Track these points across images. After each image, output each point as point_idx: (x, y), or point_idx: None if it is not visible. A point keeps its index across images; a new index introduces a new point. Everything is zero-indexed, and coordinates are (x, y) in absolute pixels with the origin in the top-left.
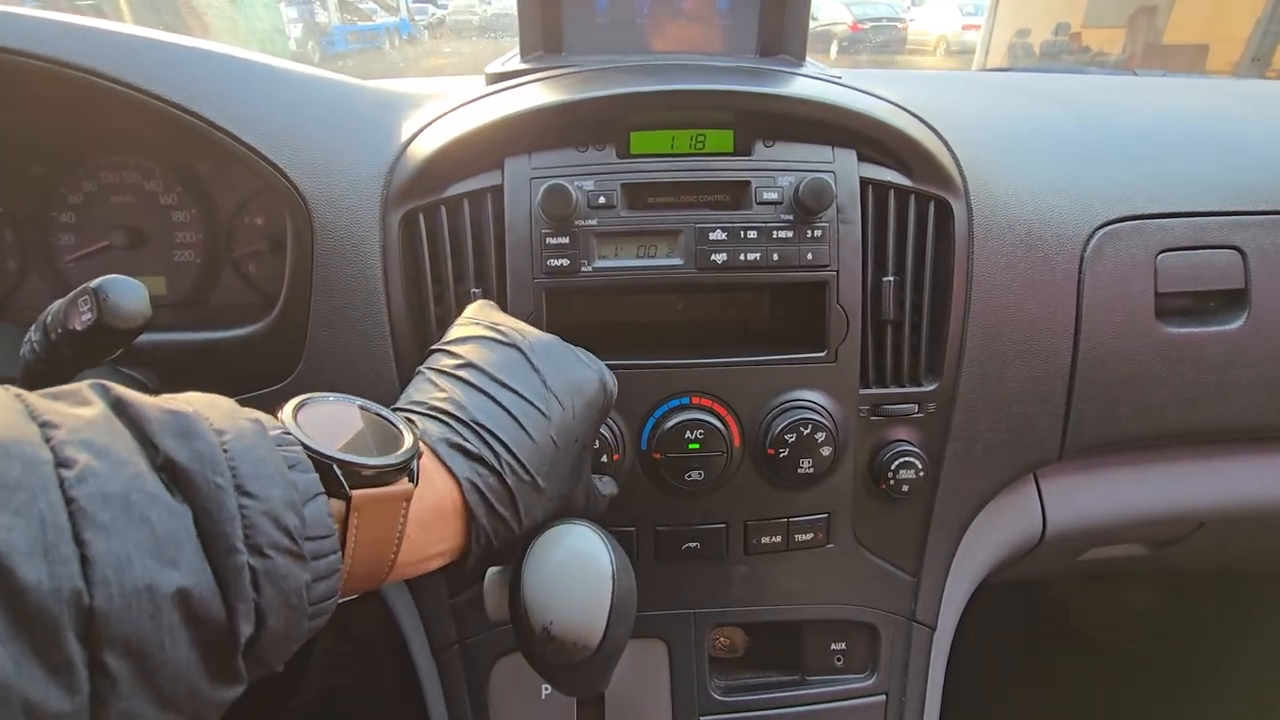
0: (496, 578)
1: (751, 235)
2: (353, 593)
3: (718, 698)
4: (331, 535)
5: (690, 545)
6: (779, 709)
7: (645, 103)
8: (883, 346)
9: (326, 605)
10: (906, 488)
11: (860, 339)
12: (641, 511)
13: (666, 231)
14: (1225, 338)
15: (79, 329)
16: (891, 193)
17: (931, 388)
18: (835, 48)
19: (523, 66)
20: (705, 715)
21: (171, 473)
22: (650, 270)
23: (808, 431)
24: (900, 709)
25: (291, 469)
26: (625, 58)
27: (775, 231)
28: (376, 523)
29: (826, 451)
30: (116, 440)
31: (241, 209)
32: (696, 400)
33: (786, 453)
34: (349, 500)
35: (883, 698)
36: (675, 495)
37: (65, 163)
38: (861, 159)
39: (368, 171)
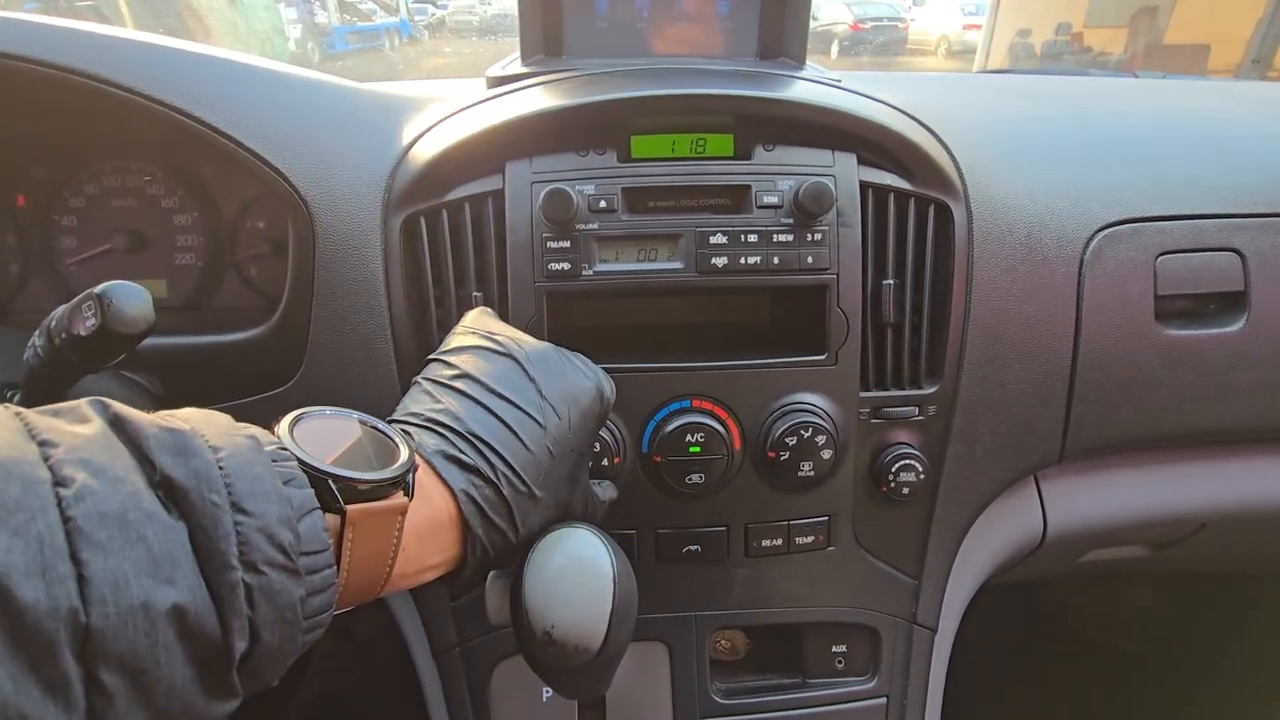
0: (498, 581)
1: (752, 239)
2: (348, 605)
3: (719, 700)
4: (326, 550)
5: (691, 548)
6: (780, 711)
7: (646, 107)
8: (883, 349)
9: (321, 619)
10: (907, 490)
11: (860, 342)
12: (642, 514)
13: (667, 235)
14: (1225, 340)
15: (83, 334)
16: (891, 196)
17: (932, 390)
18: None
19: (523, 70)
20: (706, 718)
21: (168, 490)
22: (651, 274)
23: (808, 434)
24: (901, 711)
25: (287, 485)
26: (625, 61)
27: (775, 235)
28: (372, 537)
29: (827, 454)
30: (114, 458)
31: (243, 212)
32: (697, 403)
33: (787, 456)
34: (344, 515)
35: (884, 700)
36: (676, 498)
37: (67, 166)
38: (861, 162)
39: (369, 175)
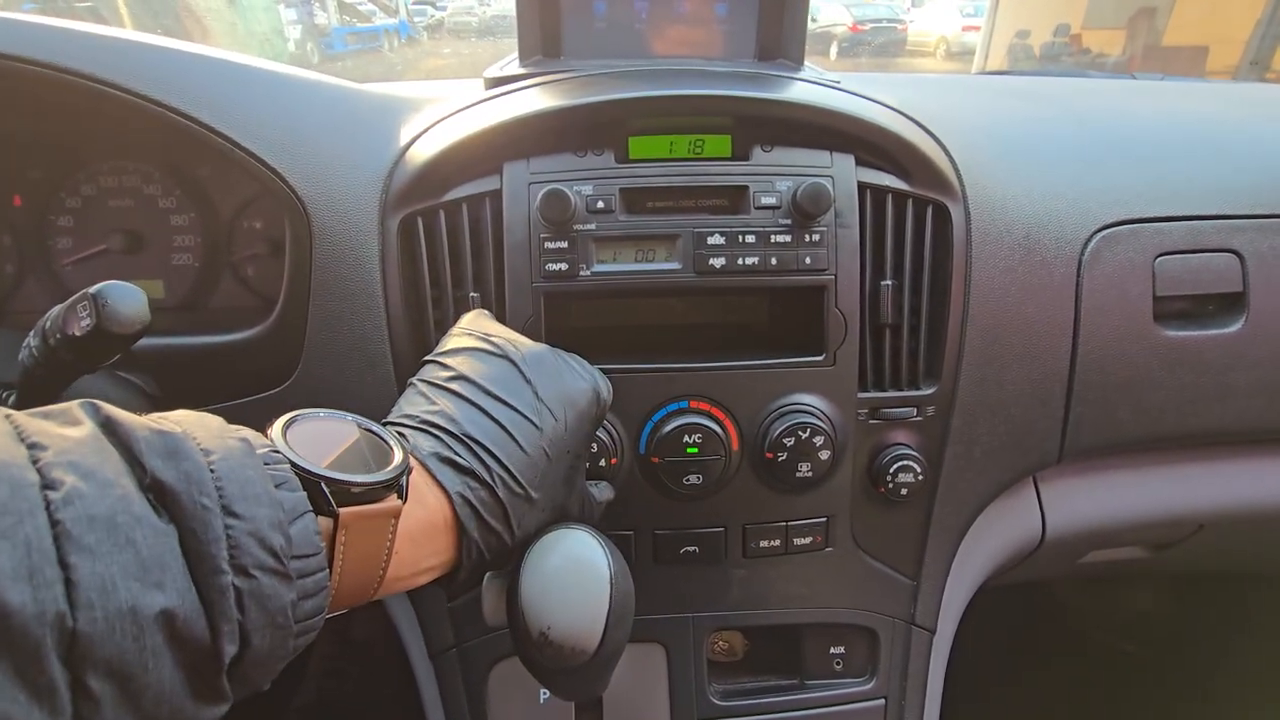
0: (494, 582)
1: (750, 240)
2: (341, 608)
3: (716, 702)
4: (318, 553)
5: (689, 549)
6: (778, 713)
7: (643, 108)
8: (881, 350)
9: (313, 623)
10: (905, 491)
11: (859, 343)
12: (640, 515)
13: (665, 236)
14: (1223, 341)
15: (78, 335)
16: (889, 197)
17: (930, 391)
18: (835, 49)
19: (521, 71)
20: (704, 719)
21: (159, 493)
22: (648, 275)
23: (806, 435)
24: (900, 712)
25: (278, 488)
26: (624, 62)
27: (773, 236)
28: (365, 540)
29: (825, 455)
30: (105, 461)
31: (240, 212)
32: (695, 404)
33: (785, 456)
34: (337, 518)
35: (882, 702)
36: (674, 499)
37: (64, 166)
38: (859, 163)
39: (366, 176)
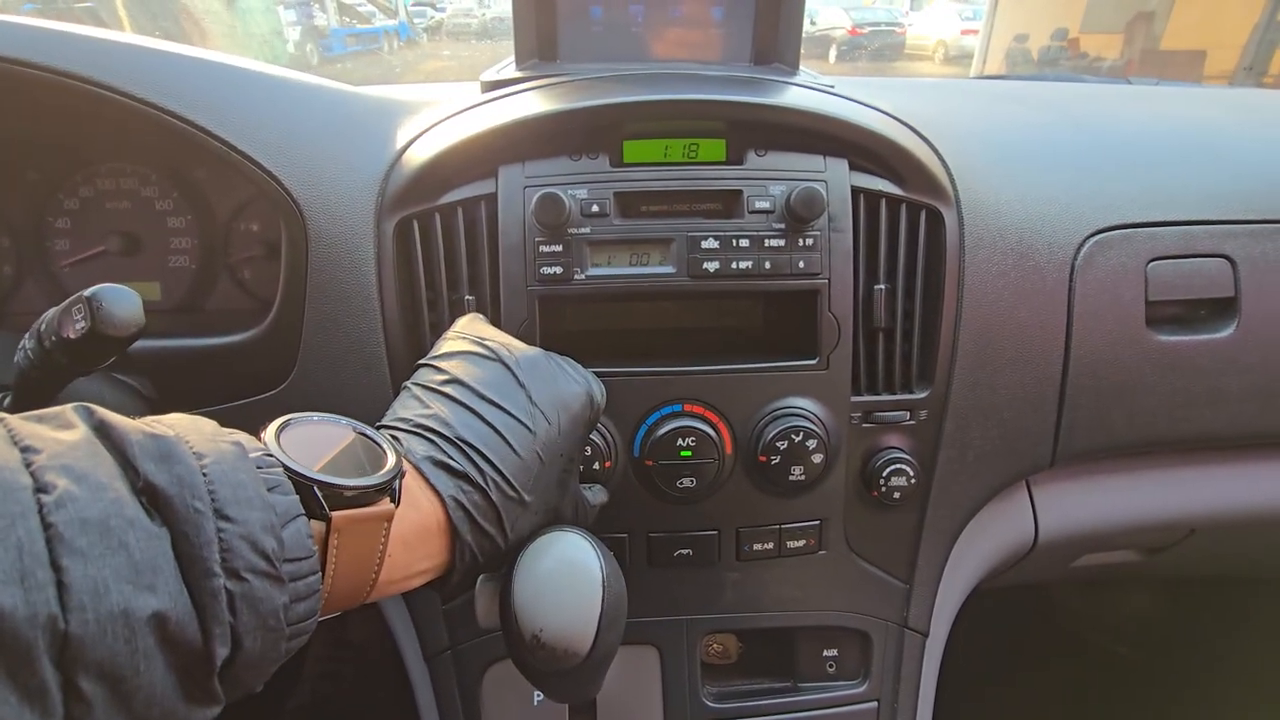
0: (487, 585)
1: (743, 244)
2: (334, 611)
3: (710, 704)
4: (311, 557)
5: (682, 552)
6: (771, 715)
7: (638, 112)
8: (874, 354)
9: (305, 626)
10: (898, 494)
11: (852, 346)
12: (634, 518)
13: (659, 240)
14: (1215, 346)
15: (73, 337)
16: (883, 201)
17: (923, 395)
18: (834, 52)
19: (517, 74)
20: None
21: (151, 497)
22: (643, 278)
23: (799, 439)
24: (892, 715)
25: (271, 491)
26: (620, 66)
27: (767, 240)
28: (357, 543)
29: (818, 458)
30: (98, 465)
31: (237, 215)
32: (689, 407)
33: (778, 460)
34: (329, 521)
35: (874, 704)
36: (667, 502)
37: (62, 169)
38: (853, 168)
39: (363, 178)
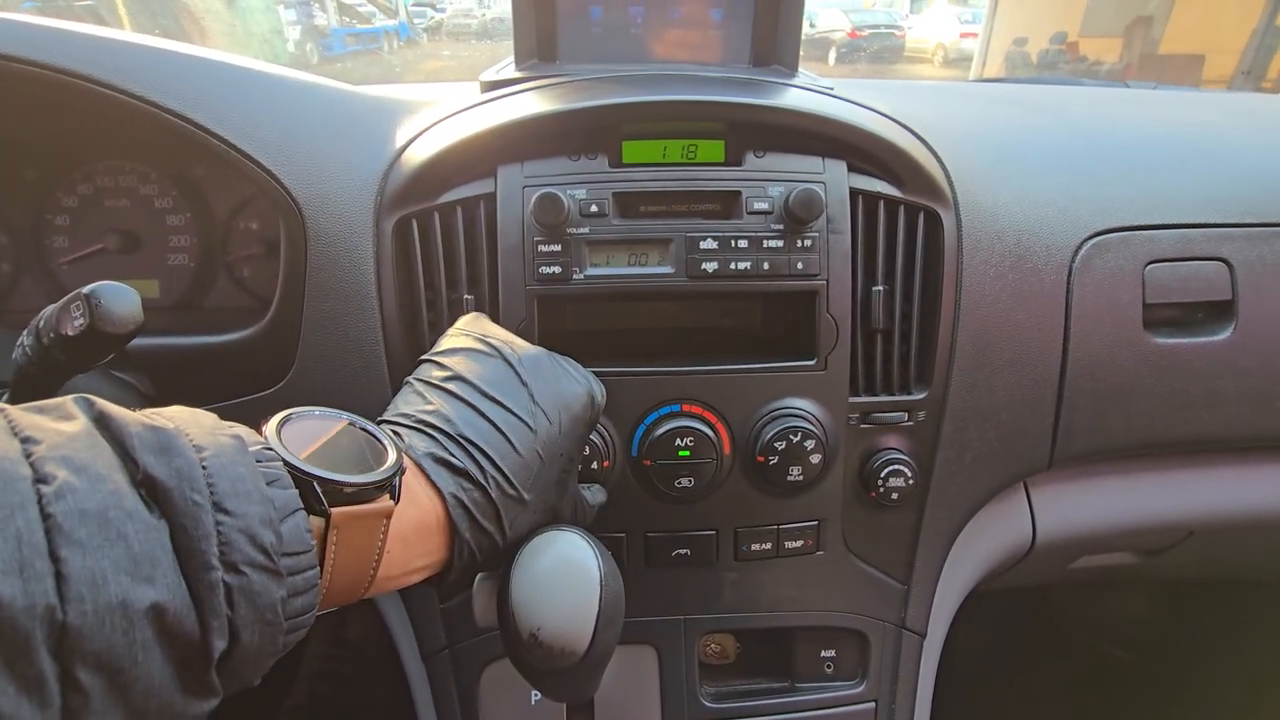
0: (485, 584)
1: (742, 244)
2: (331, 606)
3: (707, 704)
4: (309, 551)
5: (680, 552)
6: (769, 715)
7: (637, 113)
8: (872, 355)
9: (303, 620)
10: (896, 495)
11: (850, 347)
12: (632, 518)
13: (658, 240)
14: (1213, 349)
15: (71, 334)
16: (881, 203)
17: (921, 396)
18: (834, 55)
19: (517, 75)
20: None
21: (150, 489)
22: (641, 278)
23: (797, 439)
24: (890, 716)
25: (270, 485)
26: (619, 67)
27: (765, 241)
28: (356, 540)
29: (816, 459)
30: (97, 456)
31: (236, 213)
32: (687, 407)
33: (776, 460)
34: (329, 518)
35: (872, 705)
36: (665, 502)
37: (61, 166)
38: (852, 169)
39: (362, 177)
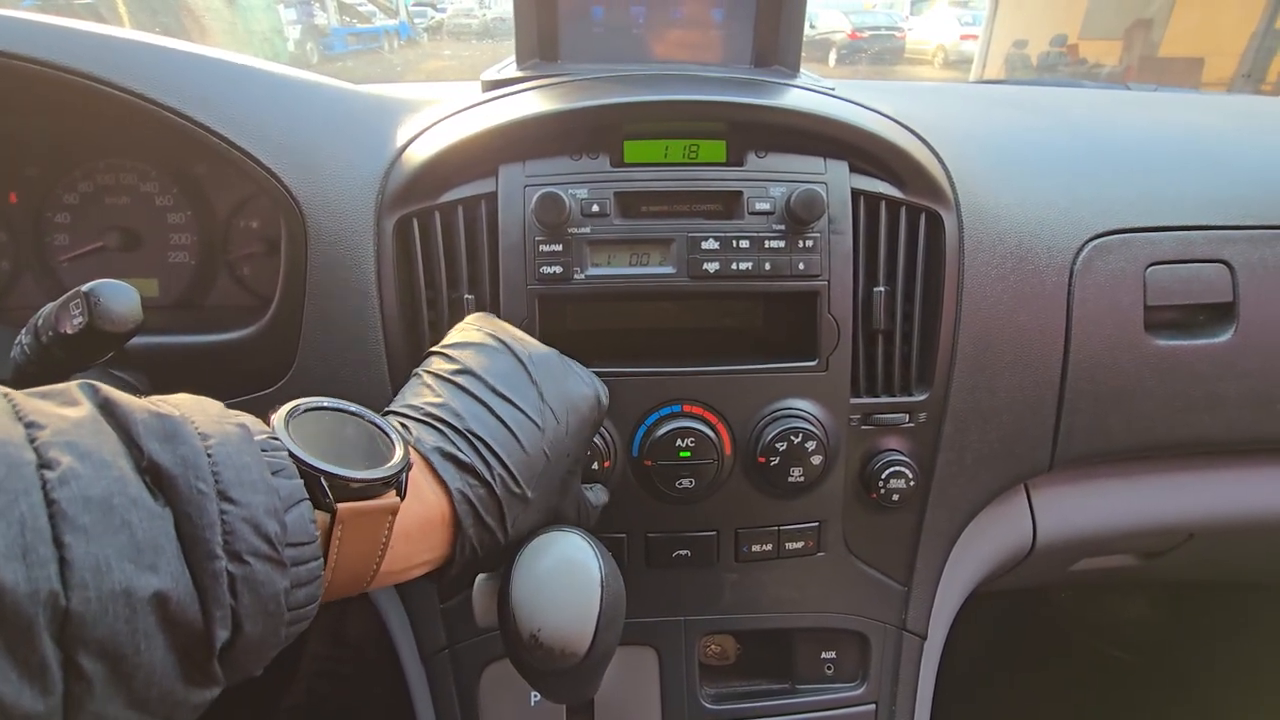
0: (485, 584)
1: (743, 245)
2: (333, 599)
3: (708, 705)
4: (313, 542)
5: (681, 552)
6: (769, 717)
7: (639, 113)
8: (874, 356)
9: (306, 611)
10: (897, 497)
11: (851, 348)
12: (632, 518)
13: (659, 240)
14: (1213, 351)
15: (70, 332)
16: (883, 204)
17: (922, 398)
18: (834, 56)
19: (518, 74)
20: None
21: (155, 476)
22: (643, 278)
23: (798, 440)
24: (890, 717)
25: (275, 475)
26: (620, 66)
27: (767, 241)
28: (360, 535)
29: (817, 460)
30: (102, 442)
31: (237, 211)
32: (688, 408)
33: (777, 461)
34: (334, 513)
35: (872, 707)
36: (666, 502)
37: (61, 164)
38: (853, 170)
39: (363, 176)
